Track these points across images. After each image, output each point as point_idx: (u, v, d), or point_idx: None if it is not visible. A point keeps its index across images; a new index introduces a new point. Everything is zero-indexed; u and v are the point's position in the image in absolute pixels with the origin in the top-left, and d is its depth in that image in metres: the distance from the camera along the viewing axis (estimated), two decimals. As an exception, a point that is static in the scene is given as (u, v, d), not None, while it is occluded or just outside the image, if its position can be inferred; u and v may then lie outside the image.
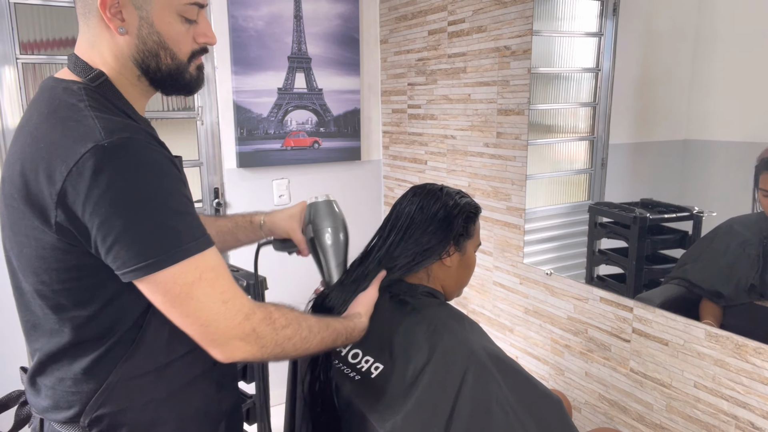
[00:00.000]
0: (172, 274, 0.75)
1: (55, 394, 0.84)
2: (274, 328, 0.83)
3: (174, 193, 0.77)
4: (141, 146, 0.75)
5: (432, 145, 2.32)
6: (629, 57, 1.59)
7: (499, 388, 0.93)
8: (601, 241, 1.70)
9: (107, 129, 0.74)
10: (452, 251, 1.10)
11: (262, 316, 0.82)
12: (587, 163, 1.79)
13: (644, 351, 1.55)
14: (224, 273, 0.80)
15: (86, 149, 0.72)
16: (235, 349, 0.80)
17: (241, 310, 0.80)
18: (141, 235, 0.73)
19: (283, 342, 0.84)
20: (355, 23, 2.49)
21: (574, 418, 1.79)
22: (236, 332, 0.79)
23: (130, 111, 0.85)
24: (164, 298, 0.77)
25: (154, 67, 0.85)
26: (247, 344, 0.80)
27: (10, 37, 1.92)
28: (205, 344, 0.80)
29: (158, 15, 0.83)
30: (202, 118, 2.31)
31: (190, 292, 0.76)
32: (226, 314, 0.78)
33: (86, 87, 0.81)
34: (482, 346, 0.99)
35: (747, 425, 1.33)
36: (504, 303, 2.06)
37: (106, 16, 0.80)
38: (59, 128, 0.76)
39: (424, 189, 1.14)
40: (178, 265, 0.75)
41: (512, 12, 1.84)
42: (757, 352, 1.29)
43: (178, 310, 0.78)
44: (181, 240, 0.76)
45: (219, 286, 0.79)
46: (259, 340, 0.81)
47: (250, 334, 0.80)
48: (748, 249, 1.30)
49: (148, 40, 0.83)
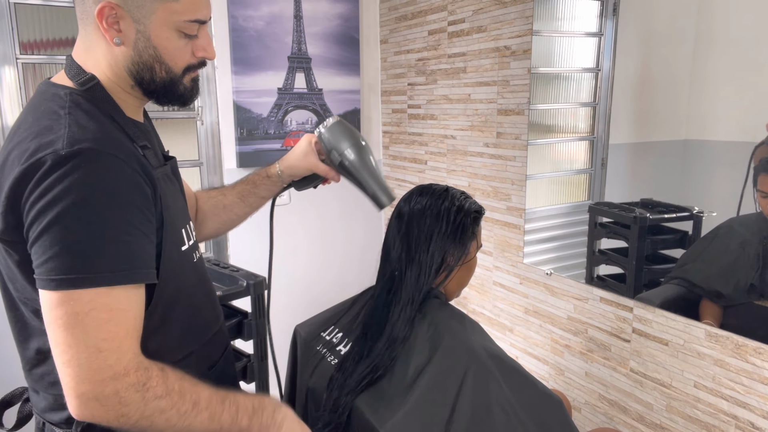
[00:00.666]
0: (60, 298, 0.70)
1: (49, 397, 0.85)
2: (144, 397, 0.72)
3: (115, 216, 0.73)
4: (102, 158, 0.73)
5: (432, 145, 2.32)
6: (629, 57, 1.59)
7: (499, 388, 0.93)
8: (601, 241, 1.70)
9: (72, 138, 0.73)
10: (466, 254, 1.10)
11: (135, 381, 0.71)
12: (587, 163, 1.79)
13: (644, 351, 1.55)
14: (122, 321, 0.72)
15: (44, 153, 0.71)
16: (87, 407, 0.70)
17: (112, 367, 0.70)
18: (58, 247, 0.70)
19: (152, 414, 0.72)
20: (355, 23, 2.49)
21: (574, 418, 1.79)
22: (93, 388, 0.69)
23: (119, 116, 0.84)
24: (47, 316, 0.71)
25: (148, 78, 0.85)
26: (103, 407, 0.70)
27: (10, 37, 1.92)
28: (63, 385, 0.71)
29: (156, 29, 0.82)
30: (202, 118, 2.31)
31: (70, 322, 0.69)
32: (93, 364, 0.69)
33: (73, 93, 0.81)
34: (483, 346, 0.99)
35: (747, 425, 1.33)
36: (504, 303, 2.06)
37: (102, 27, 0.80)
38: (37, 138, 0.75)
39: (429, 189, 1.12)
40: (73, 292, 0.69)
41: (512, 12, 1.84)
42: (757, 352, 1.29)
43: (52, 335, 0.71)
44: (94, 267, 0.71)
45: (104, 331, 0.70)
46: (120, 408, 0.71)
47: (111, 397, 0.70)
48: (748, 249, 1.30)
49: (144, 53, 0.83)
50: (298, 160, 1.11)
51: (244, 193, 1.16)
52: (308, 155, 1.10)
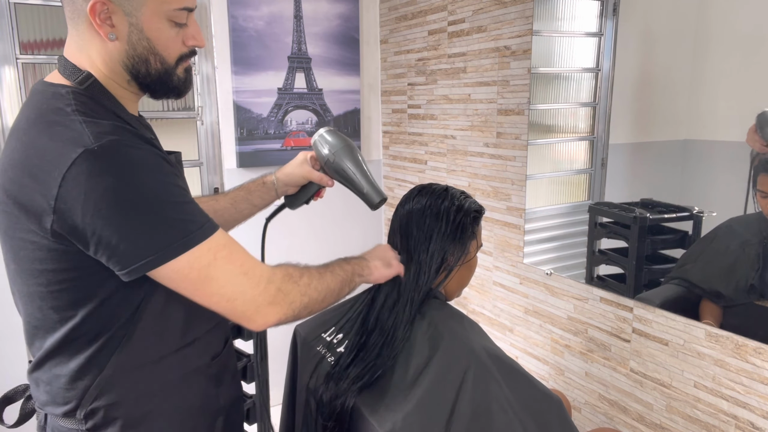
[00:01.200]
0: (188, 261, 0.77)
1: (52, 390, 0.86)
2: (294, 281, 0.87)
3: (170, 186, 0.78)
4: (129, 146, 0.76)
5: (432, 145, 2.32)
6: (629, 57, 1.59)
7: (499, 388, 0.93)
8: (601, 241, 1.70)
9: (95, 133, 0.75)
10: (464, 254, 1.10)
11: (282, 275, 0.86)
12: (587, 163, 1.79)
13: (644, 351, 1.55)
14: (236, 247, 0.83)
15: (77, 154, 0.72)
16: (267, 315, 0.83)
17: (262, 276, 0.83)
18: (147, 230, 0.75)
19: (306, 290, 0.88)
20: (355, 23, 2.49)
21: (574, 418, 1.79)
22: (263, 298, 0.82)
23: (120, 111, 0.85)
24: (185, 284, 0.79)
25: (143, 72, 0.86)
26: (277, 305, 0.84)
27: (10, 37, 1.92)
28: (236, 318, 0.83)
29: (148, 21, 0.83)
30: (202, 118, 2.31)
31: (209, 273, 0.79)
32: (250, 284, 0.82)
33: (74, 90, 0.81)
34: (482, 346, 0.99)
35: (747, 425, 1.33)
36: (504, 303, 2.06)
37: (95, 23, 0.80)
38: (47, 133, 0.76)
39: (429, 189, 1.13)
40: (191, 252, 0.77)
41: (512, 12, 1.84)
42: (757, 352, 1.29)
43: (201, 292, 0.80)
44: (188, 228, 0.77)
45: (236, 261, 0.81)
46: (286, 298, 0.85)
47: (277, 294, 0.84)
48: (747, 249, 1.30)
49: (138, 46, 0.84)
50: (294, 168, 1.16)
51: (237, 199, 1.19)
52: (303, 164, 1.15)
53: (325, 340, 1.16)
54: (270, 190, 1.18)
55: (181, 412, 0.92)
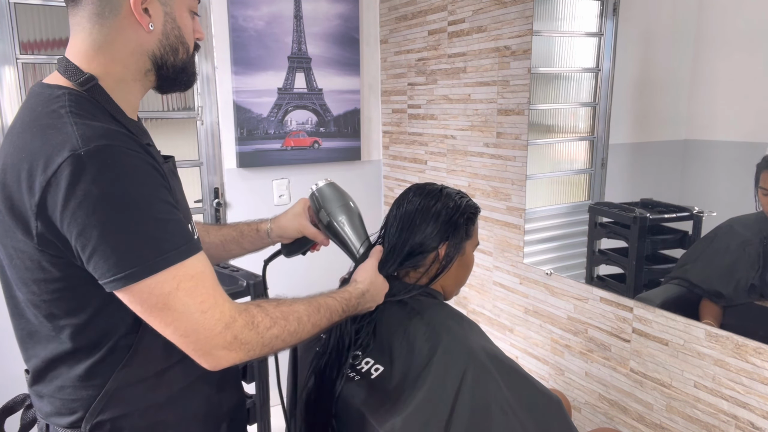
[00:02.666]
0: (148, 285, 0.73)
1: (56, 401, 0.84)
2: (257, 332, 0.80)
3: (154, 200, 0.75)
4: (119, 153, 0.73)
5: (432, 145, 2.32)
6: (629, 57, 1.59)
7: (498, 388, 0.93)
8: (601, 241, 1.70)
9: (85, 136, 0.72)
10: (445, 250, 1.10)
11: (244, 323, 0.79)
12: (587, 163, 1.79)
13: (644, 351, 1.55)
14: (205, 280, 0.78)
15: (63, 158, 0.70)
16: (219, 358, 0.78)
17: (220, 320, 0.77)
18: (119, 244, 0.72)
19: (271, 342, 0.82)
20: (355, 23, 2.49)
21: (574, 418, 1.79)
22: (218, 341, 0.77)
23: (120, 115, 0.83)
24: (142, 308, 0.75)
25: (171, 61, 0.86)
26: (231, 352, 0.78)
27: (10, 37, 1.92)
28: (189, 353, 0.79)
29: (178, 9, 0.85)
30: (202, 118, 2.31)
31: (167, 302, 0.74)
32: (205, 324, 0.76)
33: (71, 92, 0.79)
34: (481, 347, 0.99)
35: (747, 425, 1.33)
36: (504, 303, 2.06)
37: (137, 13, 0.80)
38: (39, 137, 0.74)
39: (424, 189, 1.14)
40: (156, 276, 0.73)
41: (512, 12, 1.84)
42: (757, 352, 1.29)
43: (157, 320, 0.76)
44: (161, 249, 0.73)
45: (198, 296, 0.76)
46: (244, 346, 0.79)
47: (233, 342, 0.78)
48: (748, 249, 1.30)
49: (170, 35, 0.85)
50: (289, 220, 1.14)
51: (228, 239, 1.17)
52: (300, 216, 1.13)
53: (324, 339, 1.16)
54: (263, 239, 1.17)
55: (187, 422, 0.91)
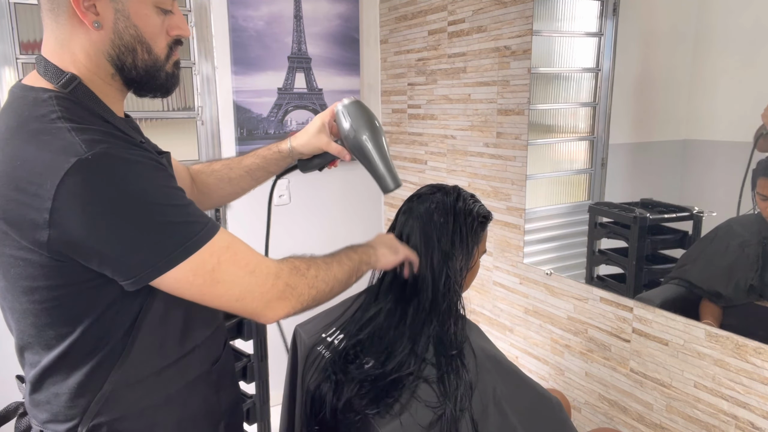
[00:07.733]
0: (192, 267, 0.76)
1: (52, 408, 0.83)
2: (301, 274, 0.87)
3: (169, 190, 0.76)
4: (124, 152, 0.73)
5: (432, 145, 2.32)
6: (629, 57, 1.59)
7: (497, 389, 0.93)
8: (601, 241, 1.70)
9: (86, 140, 0.70)
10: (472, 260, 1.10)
11: (289, 269, 0.85)
12: (587, 163, 1.79)
13: (644, 351, 1.55)
14: (240, 245, 0.82)
15: (69, 164, 0.68)
16: (276, 309, 0.84)
17: (270, 273, 0.83)
18: (150, 237, 0.73)
19: (314, 282, 0.88)
20: (355, 23, 2.49)
21: (574, 418, 1.79)
22: (272, 294, 0.83)
23: (108, 115, 0.80)
24: (192, 290, 0.78)
25: (130, 63, 0.81)
26: (286, 300, 0.84)
27: (10, 37, 1.92)
28: (246, 315, 0.84)
29: (135, 6, 0.78)
30: (202, 118, 2.31)
31: (214, 277, 0.78)
32: (258, 282, 0.81)
33: (57, 95, 0.76)
34: (481, 348, 0.99)
35: (747, 425, 1.33)
36: (504, 303, 2.06)
37: (79, 11, 0.75)
38: (32, 143, 0.71)
39: (440, 196, 1.10)
40: (194, 257, 0.75)
41: (512, 12, 1.84)
42: (757, 352, 1.29)
43: (209, 297, 0.79)
44: (191, 231, 0.76)
45: (241, 260, 0.80)
46: (294, 291, 0.85)
47: (285, 289, 0.84)
48: (747, 249, 1.30)
49: (124, 34, 0.79)
50: (311, 137, 1.11)
51: (253, 168, 1.17)
52: (321, 134, 1.10)
53: (326, 341, 1.15)
54: (286, 158, 1.15)
55: (184, 422, 0.90)
